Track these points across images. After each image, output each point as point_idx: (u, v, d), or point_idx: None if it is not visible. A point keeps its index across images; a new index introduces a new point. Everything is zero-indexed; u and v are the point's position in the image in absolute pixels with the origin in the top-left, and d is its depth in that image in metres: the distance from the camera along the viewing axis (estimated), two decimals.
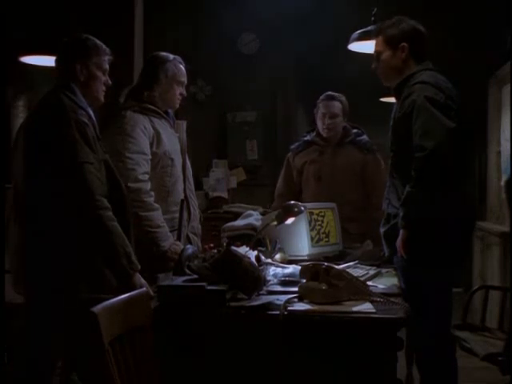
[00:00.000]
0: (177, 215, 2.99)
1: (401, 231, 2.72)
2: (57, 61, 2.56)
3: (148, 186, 2.84)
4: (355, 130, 3.88)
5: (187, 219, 3.05)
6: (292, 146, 4.01)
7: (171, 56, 3.04)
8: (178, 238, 2.97)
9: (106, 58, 2.57)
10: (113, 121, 2.90)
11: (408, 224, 2.68)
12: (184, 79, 3.08)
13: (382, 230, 2.93)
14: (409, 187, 2.66)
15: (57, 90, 2.46)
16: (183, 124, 3.16)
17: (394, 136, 2.85)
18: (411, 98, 2.70)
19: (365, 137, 3.86)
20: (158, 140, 2.92)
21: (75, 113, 2.39)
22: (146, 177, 2.84)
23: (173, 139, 3.03)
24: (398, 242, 2.74)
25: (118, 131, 2.84)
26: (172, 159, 2.97)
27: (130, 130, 2.83)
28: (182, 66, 3.06)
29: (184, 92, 3.08)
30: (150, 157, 2.88)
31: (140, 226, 2.77)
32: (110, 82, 2.60)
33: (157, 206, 2.85)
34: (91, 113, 2.49)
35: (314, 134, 3.90)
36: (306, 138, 3.93)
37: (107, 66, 2.58)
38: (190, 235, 3.08)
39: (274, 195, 4.14)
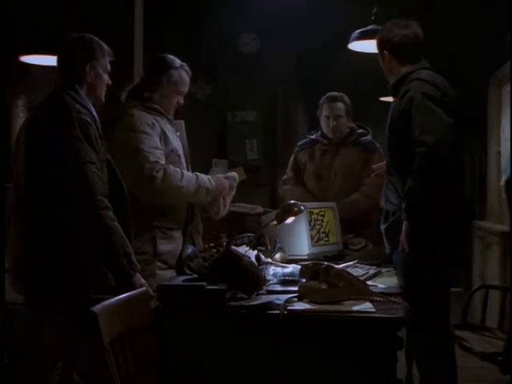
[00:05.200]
0: (183, 213, 2.99)
1: (404, 224, 2.74)
2: (61, 61, 2.55)
3: None
4: (360, 130, 3.89)
5: (191, 218, 3.06)
6: (298, 143, 4.04)
7: (178, 62, 3.02)
8: (184, 237, 2.97)
9: (109, 58, 2.59)
10: (120, 119, 2.90)
11: (410, 215, 2.71)
12: (184, 89, 3.05)
13: (382, 227, 2.96)
14: (411, 181, 2.68)
15: (60, 90, 2.46)
16: (182, 124, 3.17)
17: (391, 134, 2.89)
18: (408, 95, 2.76)
19: (369, 137, 3.87)
20: (164, 138, 2.92)
21: (78, 112, 2.39)
22: None
23: (176, 138, 3.04)
24: (402, 236, 2.75)
25: (130, 128, 2.83)
26: (179, 156, 2.98)
27: (142, 127, 2.83)
28: (186, 75, 3.04)
29: (181, 101, 3.05)
30: (163, 152, 2.88)
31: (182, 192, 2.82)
32: (110, 82, 2.61)
33: None
34: (94, 112, 2.50)
35: (319, 133, 3.92)
36: (312, 137, 3.96)
37: (109, 67, 2.60)
38: (194, 235, 3.08)
39: (273, 195, 4.16)
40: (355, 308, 2.15)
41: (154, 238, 2.84)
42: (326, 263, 2.36)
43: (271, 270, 2.58)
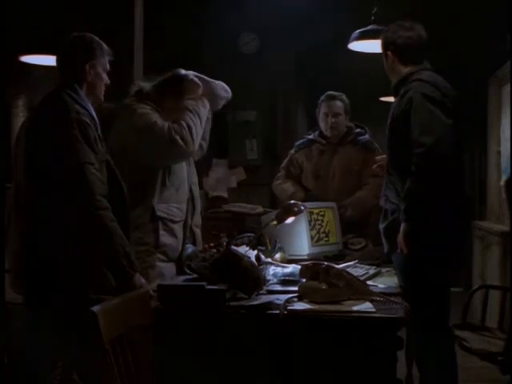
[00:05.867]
0: (185, 206, 2.99)
1: (402, 225, 2.74)
2: (61, 61, 2.55)
3: None
4: (358, 130, 3.90)
5: (191, 212, 3.06)
6: (296, 143, 4.05)
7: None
8: (185, 230, 2.97)
9: (108, 58, 2.60)
10: (124, 109, 2.89)
11: (409, 217, 2.71)
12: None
13: (381, 226, 2.96)
14: (410, 182, 2.69)
15: (59, 90, 2.47)
16: None
17: (391, 133, 2.90)
18: (408, 96, 2.78)
19: (366, 136, 3.88)
20: None
21: (77, 113, 2.40)
22: None
23: None
24: (400, 237, 2.76)
25: (139, 113, 2.82)
26: None
27: (144, 111, 2.83)
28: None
29: None
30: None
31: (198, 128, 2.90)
32: (108, 82, 2.61)
33: None
34: (94, 113, 2.50)
35: (317, 133, 3.92)
36: (309, 137, 3.97)
37: (108, 66, 2.60)
38: (194, 229, 3.08)
39: (273, 195, 4.16)
40: (355, 308, 2.15)
41: (156, 230, 2.84)
42: (325, 263, 2.36)
43: (271, 270, 2.58)
